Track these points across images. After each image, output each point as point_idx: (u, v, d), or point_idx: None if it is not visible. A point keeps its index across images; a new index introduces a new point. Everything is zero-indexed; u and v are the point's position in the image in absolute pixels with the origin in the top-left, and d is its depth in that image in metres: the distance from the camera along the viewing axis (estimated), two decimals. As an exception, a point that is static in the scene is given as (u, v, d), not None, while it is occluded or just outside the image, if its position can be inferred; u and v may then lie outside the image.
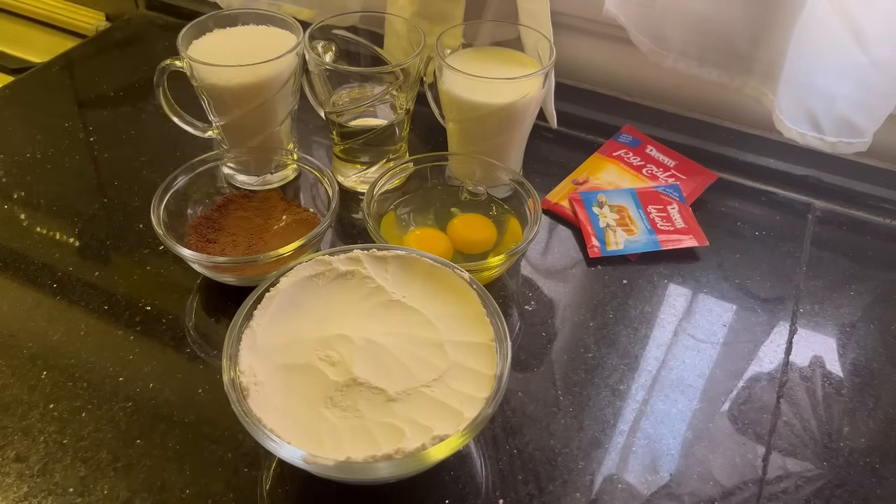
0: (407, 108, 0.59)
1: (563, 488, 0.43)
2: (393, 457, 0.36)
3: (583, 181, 0.65)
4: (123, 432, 0.45)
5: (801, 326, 0.54)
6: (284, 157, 0.60)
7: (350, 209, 0.62)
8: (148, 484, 0.42)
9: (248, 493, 0.42)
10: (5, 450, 0.44)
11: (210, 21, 0.58)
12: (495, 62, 0.59)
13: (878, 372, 0.51)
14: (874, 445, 0.46)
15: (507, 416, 0.47)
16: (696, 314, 0.54)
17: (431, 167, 0.59)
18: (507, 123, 0.57)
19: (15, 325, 0.51)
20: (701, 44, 0.64)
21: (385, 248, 0.46)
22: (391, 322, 0.43)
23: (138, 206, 0.61)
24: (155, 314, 0.52)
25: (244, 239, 0.54)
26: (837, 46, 0.58)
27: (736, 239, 0.61)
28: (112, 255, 0.57)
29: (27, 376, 0.48)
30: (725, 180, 0.66)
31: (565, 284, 0.56)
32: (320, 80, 0.57)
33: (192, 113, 0.60)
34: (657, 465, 0.45)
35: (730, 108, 0.72)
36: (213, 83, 0.55)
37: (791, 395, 0.49)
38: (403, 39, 0.61)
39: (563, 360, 0.51)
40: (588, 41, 0.74)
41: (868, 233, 0.62)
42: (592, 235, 0.59)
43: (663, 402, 0.48)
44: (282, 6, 0.80)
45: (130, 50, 0.81)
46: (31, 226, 0.59)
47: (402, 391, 0.39)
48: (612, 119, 0.72)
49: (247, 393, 0.38)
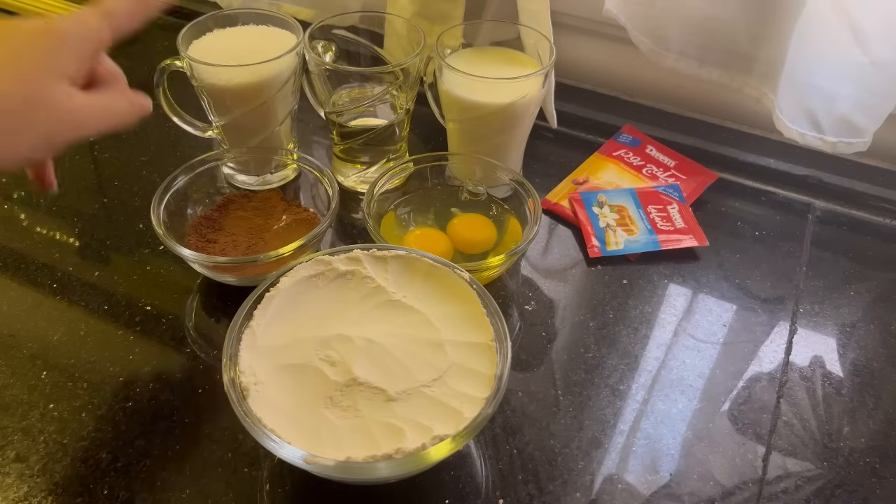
0: (407, 108, 0.59)
1: (563, 488, 0.43)
2: (393, 457, 0.36)
3: (583, 181, 0.65)
4: (123, 432, 0.45)
5: (801, 326, 0.54)
6: (284, 157, 0.60)
7: (350, 209, 0.62)
8: (148, 484, 0.42)
9: (248, 493, 0.42)
10: (5, 450, 0.44)
11: (210, 21, 0.58)
12: (495, 62, 0.59)
13: (878, 372, 0.51)
14: (874, 445, 0.46)
15: (507, 416, 0.47)
16: (696, 314, 0.54)
17: (431, 167, 0.59)
18: (507, 123, 0.57)
19: (15, 325, 0.51)
20: (701, 44, 0.64)
21: (385, 248, 0.46)
22: (391, 322, 0.43)
23: (138, 206, 0.61)
24: (155, 314, 0.52)
25: (244, 239, 0.54)
26: (837, 46, 0.58)
27: (736, 239, 0.61)
28: (112, 255, 0.57)
29: (27, 376, 0.48)
30: (725, 180, 0.66)
31: (565, 284, 0.56)
32: (320, 80, 0.57)
33: (192, 113, 0.60)
34: (657, 465, 0.45)
35: (730, 108, 0.72)
36: (213, 83, 0.55)
37: (791, 395, 0.49)
38: (403, 39, 0.61)
39: (563, 360, 0.51)
40: (588, 41, 0.74)
41: (868, 233, 0.62)
42: (592, 235, 0.59)
43: (663, 402, 0.48)
44: (282, 6, 0.80)
45: (130, 50, 0.81)
46: (31, 226, 0.59)
47: (402, 391, 0.39)
48: (612, 119, 0.72)
49: (247, 393, 0.38)
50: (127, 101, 0.39)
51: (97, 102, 0.37)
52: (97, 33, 0.37)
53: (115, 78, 0.39)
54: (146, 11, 0.40)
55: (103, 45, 0.37)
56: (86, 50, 0.36)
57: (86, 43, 0.36)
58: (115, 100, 0.38)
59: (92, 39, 0.37)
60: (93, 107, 0.37)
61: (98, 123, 0.37)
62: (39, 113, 0.34)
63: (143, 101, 0.40)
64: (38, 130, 0.34)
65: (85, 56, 0.36)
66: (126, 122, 0.39)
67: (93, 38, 0.37)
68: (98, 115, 0.37)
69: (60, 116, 0.35)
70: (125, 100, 0.39)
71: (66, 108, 0.35)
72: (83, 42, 0.36)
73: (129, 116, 0.39)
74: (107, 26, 0.37)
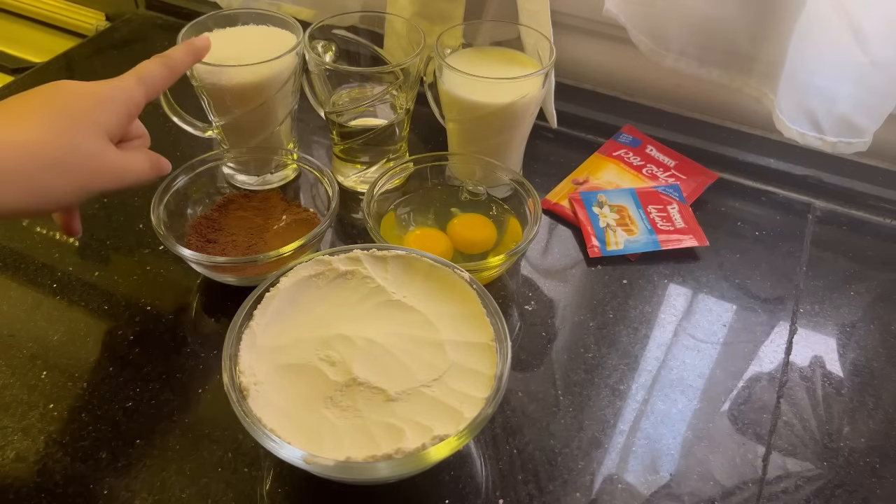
0: (407, 108, 0.59)
1: (563, 488, 0.43)
2: (393, 457, 0.36)
3: (583, 181, 0.65)
4: (123, 432, 0.45)
5: (801, 326, 0.54)
6: (284, 157, 0.60)
7: (350, 209, 0.62)
8: (148, 484, 0.42)
9: (248, 493, 0.42)
10: (5, 450, 0.44)
11: (210, 21, 0.58)
12: (495, 62, 0.59)
13: (878, 372, 0.51)
14: (874, 445, 0.46)
15: (507, 416, 0.47)
16: (696, 314, 0.54)
17: (431, 167, 0.59)
18: (507, 123, 0.57)
19: (15, 325, 0.51)
20: (701, 44, 0.64)
21: (385, 248, 0.46)
22: (391, 322, 0.43)
23: (138, 206, 0.61)
24: (155, 314, 0.52)
25: (244, 239, 0.54)
26: (837, 46, 0.58)
27: (736, 239, 0.61)
28: (112, 255, 0.57)
29: (27, 376, 0.48)
30: (725, 180, 0.66)
31: (565, 284, 0.56)
32: (320, 80, 0.57)
33: (192, 113, 0.60)
34: (657, 465, 0.45)
35: (730, 108, 0.72)
36: (213, 83, 0.55)
37: (791, 395, 0.49)
38: (403, 39, 0.61)
39: (563, 360, 0.51)
40: (588, 41, 0.74)
41: (868, 233, 0.62)
42: (592, 235, 0.59)
43: (663, 402, 0.48)
44: (282, 6, 0.80)
45: (130, 50, 0.81)
46: (31, 226, 0.59)
47: (402, 391, 0.39)
48: (612, 119, 0.72)
49: (247, 393, 0.38)
50: (148, 161, 0.44)
51: (127, 159, 0.42)
52: (135, 97, 0.42)
53: (141, 137, 0.45)
54: (176, 74, 0.46)
55: (139, 107, 0.43)
56: (124, 110, 0.41)
57: (124, 105, 0.41)
58: (141, 159, 0.43)
59: (129, 102, 0.42)
60: (123, 162, 0.41)
61: (126, 177, 0.42)
62: (79, 162, 0.38)
63: (164, 164, 0.46)
64: (75, 178, 0.38)
65: (123, 115, 0.41)
66: (145, 179, 0.43)
67: (130, 101, 0.42)
68: (126, 169, 0.42)
69: (97, 167, 0.39)
70: (148, 160, 0.44)
71: (103, 160, 0.40)
72: (122, 104, 0.41)
73: (149, 174, 0.44)
74: (143, 91, 0.43)
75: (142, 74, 0.43)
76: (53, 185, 0.37)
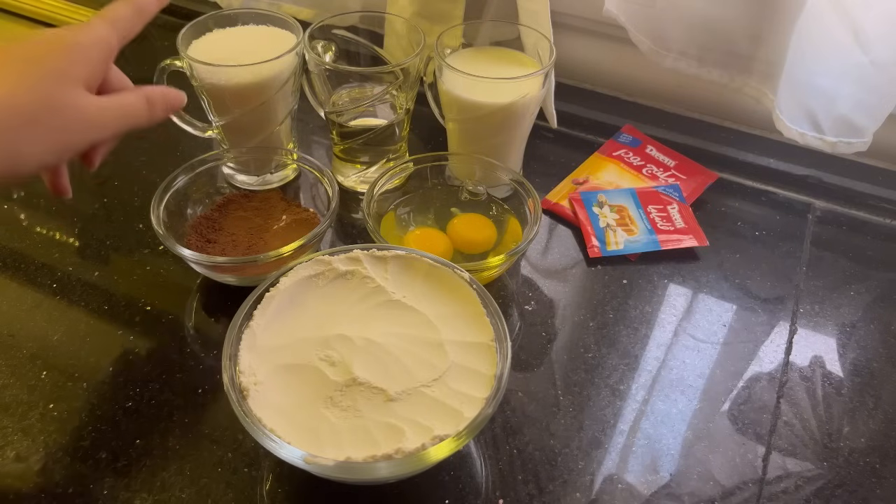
0: (407, 107, 0.59)
1: (563, 488, 0.43)
2: (393, 457, 0.36)
3: (583, 181, 0.65)
4: (123, 432, 0.45)
5: (801, 326, 0.54)
6: (284, 157, 0.60)
7: (350, 209, 0.62)
8: (148, 484, 0.42)
9: (248, 493, 0.42)
10: (5, 450, 0.44)
11: (210, 21, 0.58)
12: (495, 62, 0.59)
13: (878, 372, 0.51)
14: (874, 445, 0.46)
15: (507, 416, 0.47)
16: (696, 314, 0.54)
17: (431, 167, 0.59)
18: (507, 123, 0.57)
19: (15, 325, 0.51)
20: (701, 44, 0.64)
21: (385, 248, 0.46)
22: (391, 322, 0.43)
23: (138, 206, 0.61)
24: (155, 314, 0.52)
25: (244, 239, 0.54)
26: (837, 46, 0.58)
27: (736, 239, 0.61)
28: (112, 255, 0.57)
29: (27, 376, 0.48)
30: (725, 180, 0.66)
31: (565, 284, 0.56)
32: (320, 80, 0.57)
33: (192, 113, 0.60)
34: (657, 465, 0.45)
35: (730, 108, 0.72)
36: (213, 83, 0.55)
37: (791, 395, 0.49)
38: (403, 39, 0.61)
39: (563, 360, 0.51)
40: (588, 41, 0.74)
41: (868, 233, 0.62)
42: (592, 235, 0.59)
43: (663, 402, 0.48)
44: (282, 6, 0.80)
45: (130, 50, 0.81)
46: (31, 226, 0.59)
47: (402, 391, 0.39)
48: (612, 119, 0.72)
49: (247, 393, 0.38)
50: (144, 99, 0.41)
51: (111, 104, 0.39)
52: (106, 40, 0.39)
53: (124, 84, 0.42)
54: (145, 15, 0.43)
55: (113, 51, 0.40)
56: (97, 55, 0.38)
57: (96, 49, 0.38)
58: (129, 100, 0.40)
59: (102, 46, 0.39)
60: (107, 108, 0.39)
61: (113, 123, 0.39)
62: (56, 116, 0.36)
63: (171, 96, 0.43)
64: (55, 134, 0.36)
65: (98, 61, 0.39)
66: (141, 120, 0.41)
67: (102, 45, 0.39)
68: (112, 115, 0.39)
69: (76, 117, 0.37)
70: (143, 98, 0.41)
71: (82, 111, 0.37)
72: (94, 49, 0.38)
73: (150, 113, 0.41)
74: (114, 33, 0.40)
75: (110, 17, 0.40)
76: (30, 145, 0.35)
